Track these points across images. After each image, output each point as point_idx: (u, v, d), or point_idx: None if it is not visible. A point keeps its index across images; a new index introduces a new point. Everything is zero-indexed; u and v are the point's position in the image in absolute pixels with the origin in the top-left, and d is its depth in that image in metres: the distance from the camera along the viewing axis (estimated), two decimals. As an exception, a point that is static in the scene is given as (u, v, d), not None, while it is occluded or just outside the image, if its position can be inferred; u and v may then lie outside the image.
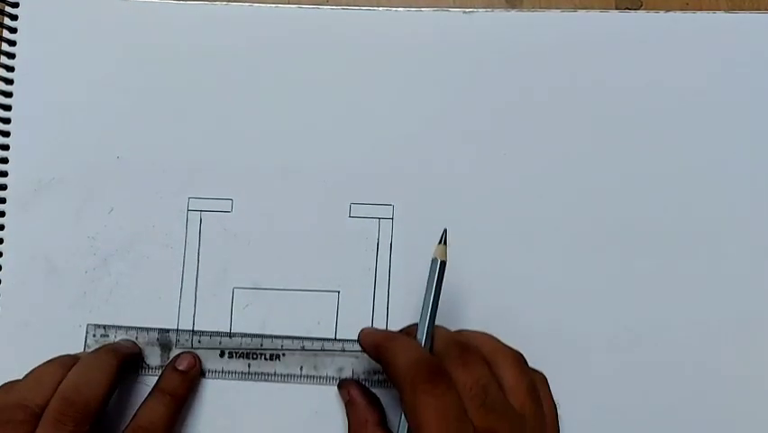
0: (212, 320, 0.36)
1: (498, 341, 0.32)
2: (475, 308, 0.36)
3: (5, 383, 0.33)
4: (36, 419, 0.30)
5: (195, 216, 0.37)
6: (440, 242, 0.32)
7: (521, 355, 0.31)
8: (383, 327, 0.36)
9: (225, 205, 0.37)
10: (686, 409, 0.36)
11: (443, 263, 0.32)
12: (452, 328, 0.33)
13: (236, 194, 0.37)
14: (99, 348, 0.34)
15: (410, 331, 0.33)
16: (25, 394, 0.31)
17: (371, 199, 0.37)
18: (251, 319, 0.36)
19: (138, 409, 0.33)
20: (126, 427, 0.32)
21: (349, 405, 0.35)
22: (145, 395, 0.34)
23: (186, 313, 0.36)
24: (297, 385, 0.36)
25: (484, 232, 0.37)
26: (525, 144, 0.37)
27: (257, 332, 0.36)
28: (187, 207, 0.37)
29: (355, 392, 0.35)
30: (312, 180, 0.37)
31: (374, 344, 0.31)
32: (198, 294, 0.36)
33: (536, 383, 0.30)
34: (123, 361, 0.33)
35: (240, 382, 0.36)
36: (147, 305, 0.36)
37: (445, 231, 0.33)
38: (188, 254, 0.37)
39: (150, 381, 0.35)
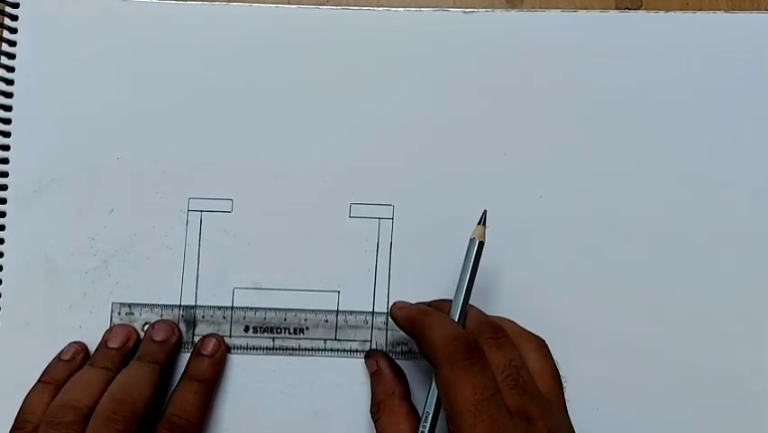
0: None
1: (521, 327, 0.33)
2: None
3: (36, 384, 0.34)
4: (85, 420, 0.31)
5: (195, 217, 0.37)
6: (479, 222, 0.33)
7: (543, 341, 0.32)
8: (383, 327, 0.36)
9: (225, 205, 0.37)
10: (692, 409, 0.36)
11: (482, 244, 0.33)
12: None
13: (236, 194, 0.37)
14: (143, 356, 0.34)
15: (439, 306, 0.33)
16: (74, 395, 0.32)
17: (371, 199, 0.37)
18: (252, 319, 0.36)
19: (169, 399, 0.34)
20: (160, 418, 0.33)
21: (375, 376, 0.35)
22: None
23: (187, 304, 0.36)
24: (322, 358, 0.36)
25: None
26: (525, 144, 0.37)
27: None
28: (187, 208, 0.37)
29: (383, 363, 0.35)
30: (312, 181, 0.37)
31: (408, 317, 0.32)
32: (199, 294, 0.36)
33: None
34: (166, 362, 0.34)
35: (265, 356, 0.36)
36: (147, 305, 0.36)
37: (485, 212, 0.33)
38: (188, 255, 0.37)
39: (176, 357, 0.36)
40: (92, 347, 0.36)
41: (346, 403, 0.36)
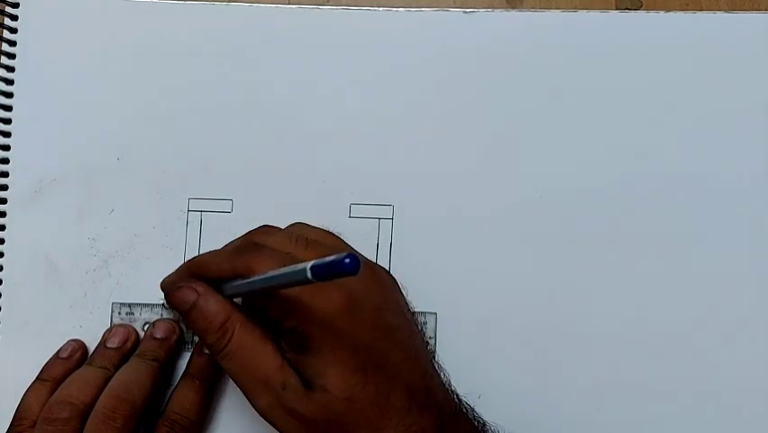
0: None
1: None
2: (475, 309, 0.36)
3: (34, 382, 0.34)
4: (82, 417, 0.31)
5: (195, 217, 0.37)
6: None
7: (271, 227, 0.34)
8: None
9: (225, 205, 0.37)
10: (693, 409, 0.36)
11: None
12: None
13: (236, 194, 0.37)
14: (143, 353, 0.34)
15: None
16: (71, 392, 0.32)
17: (371, 200, 0.37)
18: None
19: (169, 398, 0.34)
20: (160, 416, 0.33)
21: (196, 307, 0.30)
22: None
23: (186, 313, 0.36)
24: None
25: (484, 232, 0.37)
26: (525, 145, 0.37)
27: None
28: (187, 208, 0.37)
29: (203, 288, 0.31)
30: (312, 181, 0.37)
31: (186, 268, 0.33)
32: (199, 294, 0.36)
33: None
34: (166, 360, 0.34)
35: None
36: (147, 305, 0.36)
37: None
38: (189, 255, 0.36)
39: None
40: (92, 347, 0.36)
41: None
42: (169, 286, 0.33)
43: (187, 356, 0.35)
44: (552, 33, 0.38)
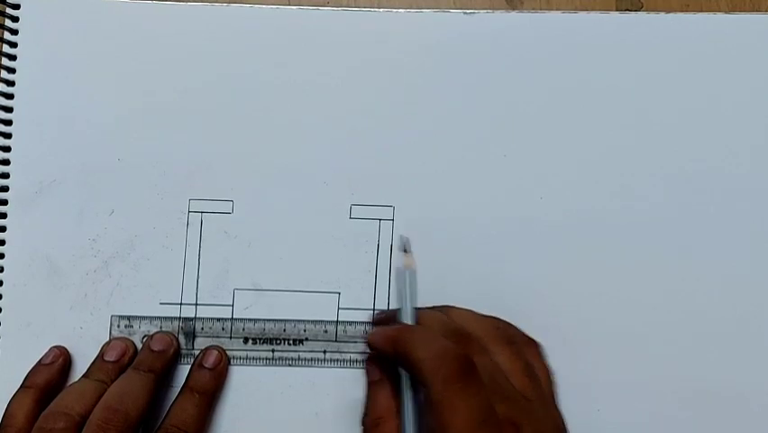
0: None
1: (478, 316, 0.33)
2: (475, 310, 0.36)
3: (18, 389, 0.34)
4: (77, 428, 0.31)
5: (195, 218, 0.37)
6: (402, 250, 0.34)
7: (505, 327, 0.32)
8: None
9: (226, 206, 0.37)
10: (693, 410, 0.36)
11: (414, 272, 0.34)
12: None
13: (237, 195, 0.37)
14: (139, 365, 0.34)
15: (392, 316, 0.34)
16: (67, 403, 0.32)
17: (372, 201, 0.37)
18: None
19: (169, 410, 0.33)
20: (158, 428, 0.33)
21: (377, 384, 0.34)
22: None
23: (186, 315, 0.36)
24: (321, 369, 0.36)
25: (484, 234, 0.37)
26: (525, 145, 0.37)
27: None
28: (187, 209, 0.37)
29: (387, 374, 0.33)
30: (312, 182, 0.37)
31: (389, 339, 0.31)
32: (199, 295, 0.36)
33: (529, 360, 0.31)
34: (162, 372, 0.34)
35: (264, 367, 0.36)
36: (148, 307, 0.36)
37: (403, 238, 0.35)
38: (189, 256, 0.37)
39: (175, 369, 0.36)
40: (91, 348, 0.36)
41: (344, 411, 0.36)
42: (374, 338, 0.33)
43: (185, 370, 0.36)
44: (552, 34, 0.38)
